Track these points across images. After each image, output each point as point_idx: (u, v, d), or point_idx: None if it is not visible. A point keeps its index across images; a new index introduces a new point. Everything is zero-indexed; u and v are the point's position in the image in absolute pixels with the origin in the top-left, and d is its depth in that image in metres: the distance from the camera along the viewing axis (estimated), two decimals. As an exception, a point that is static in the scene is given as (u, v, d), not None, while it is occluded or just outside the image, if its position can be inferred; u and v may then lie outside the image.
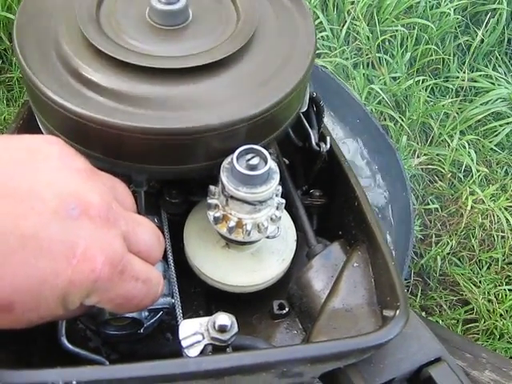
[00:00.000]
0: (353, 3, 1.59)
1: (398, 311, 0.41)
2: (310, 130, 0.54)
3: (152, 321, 0.47)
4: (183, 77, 0.44)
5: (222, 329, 0.40)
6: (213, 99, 0.43)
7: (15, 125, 0.57)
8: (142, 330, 0.47)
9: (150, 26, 0.47)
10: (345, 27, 1.58)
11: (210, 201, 0.46)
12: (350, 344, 0.39)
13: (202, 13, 0.48)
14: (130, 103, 0.42)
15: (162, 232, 0.47)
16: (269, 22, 0.48)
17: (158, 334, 0.51)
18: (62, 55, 0.44)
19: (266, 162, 0.43)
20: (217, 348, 0.40)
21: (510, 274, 1.42)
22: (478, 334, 1.34)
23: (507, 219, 1.43)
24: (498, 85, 1.65)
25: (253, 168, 0.43)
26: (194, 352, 0.39)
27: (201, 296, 0.55)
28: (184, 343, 0.40)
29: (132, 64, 0.43)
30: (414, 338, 0.44)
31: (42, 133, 0.47)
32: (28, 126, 0.55)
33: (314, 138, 0.54)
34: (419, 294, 1.39)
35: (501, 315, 1.35)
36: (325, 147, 0.53)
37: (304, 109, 0.52)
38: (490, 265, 1.44)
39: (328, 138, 0.54)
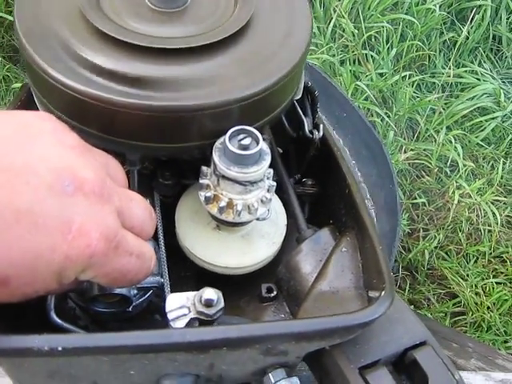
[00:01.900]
0: (339, 0, 1.59)
1: (383, 292, 0.41)
2: (303, 117, 0.54)
3: (141, 300, 0.48)
4: (181, 57, 0.44)
5: (209, 303, 0.40)
6: (209, 79, 0.44)
7: (13, 106, 0.57)
8: (130, 309, 0.47)
9: (149, 8, 0.48)
10: (331, 24, 1.58)
11: (201, 181, 0.47)
12: (334, 321, 0.40)
13: None
14: (128, 82, 0.43)
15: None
16: (266, 5, 0.49)
17: (146, 314, 0.51)
18: (63, 35, 0.45)
19: (257, 143, 0.44)
20: (203, 323, 0.40)
21: (496, 267, 1.43)
22: (466, 326, 1.35)
23: (493, 213, 1.44)
24: (484, 80, 1.66)
25: (244, 148, 0.44)
26: (179, 325, 0.40)
27: (191, 280, 0.55)
28: (170, 316, 0.40)
29: (131, 43, 0.44)
30: (400, 322, 0.44)
31: None
32: (26, 108, 0.56)
33: (307, 126, 0.54)
34: (407, 288, 1.40)
35: (488, 308, 1.36)
36: (317, 134, 0.54)
37: (298, 96, 0.52)
38: (478, 258, 1.45)
39: (321, 126, 0.54)
